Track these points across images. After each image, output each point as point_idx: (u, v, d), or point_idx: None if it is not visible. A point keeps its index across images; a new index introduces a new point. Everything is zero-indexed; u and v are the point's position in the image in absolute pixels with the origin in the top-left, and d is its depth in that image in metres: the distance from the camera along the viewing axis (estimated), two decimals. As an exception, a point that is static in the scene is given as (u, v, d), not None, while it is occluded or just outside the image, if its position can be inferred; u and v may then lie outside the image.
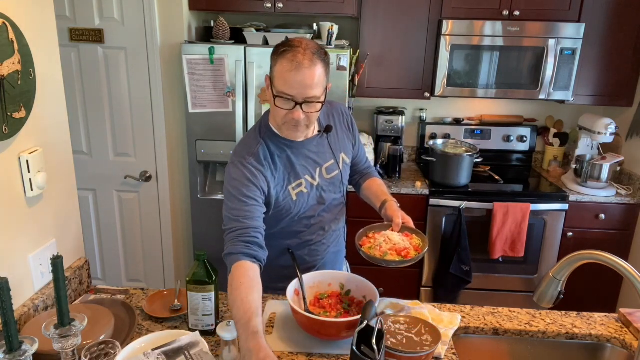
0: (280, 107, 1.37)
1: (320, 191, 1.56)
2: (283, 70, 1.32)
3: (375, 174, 1.79)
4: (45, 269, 1.41)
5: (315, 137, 1.54)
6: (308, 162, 1.53)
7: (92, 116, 2.77)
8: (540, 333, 1.44)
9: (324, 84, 1.38)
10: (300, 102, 1.34)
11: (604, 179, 2.81)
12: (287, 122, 1.39)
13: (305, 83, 1.32)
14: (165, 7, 2.62)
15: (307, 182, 1.53)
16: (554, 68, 2.79)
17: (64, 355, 1.10)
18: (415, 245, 1.47)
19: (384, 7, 2.81)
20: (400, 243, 1.46)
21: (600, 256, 1.16)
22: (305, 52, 1.32)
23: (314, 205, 1.56)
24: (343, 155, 1.61)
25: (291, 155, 1.49)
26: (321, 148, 1.55)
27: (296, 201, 1.51)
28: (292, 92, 1.33)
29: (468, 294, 2.89)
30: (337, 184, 1.60)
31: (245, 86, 2.59)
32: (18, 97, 1.26)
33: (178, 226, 2.96)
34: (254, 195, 1.39)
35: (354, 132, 1.68)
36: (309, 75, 1.31)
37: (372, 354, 1.03)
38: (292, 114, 1.36)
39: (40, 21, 1.37)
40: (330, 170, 1.57)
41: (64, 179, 1.53)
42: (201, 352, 1.12)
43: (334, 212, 1.63)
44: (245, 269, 1.27)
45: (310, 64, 1.31)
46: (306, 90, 1.32)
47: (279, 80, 1.34)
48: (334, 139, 1.59)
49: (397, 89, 2.95)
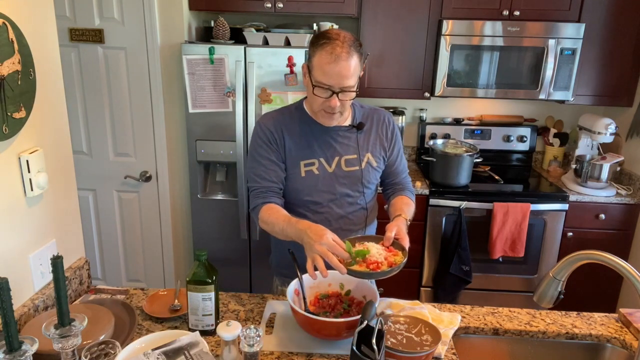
0: (318, 95, 1.46)
1: (334, 181, 1.57)
2: (322, 62, 1.41)
3: (408, 193, 1.69)
4: (45, 269, 1.41)
5: (345, 128, 1.59)
6: (328, 147, 1.57)
7: (92, 116, 2.77)
8: (540, 333, 1.44)
9: (359, 73, 1.47)
10: (337, 91, 1.43)
11: (604, 179, 2.81)
12: (324, 110, 1.48)
13: (342, 74, 1.40)
14: (165, 7, 2.62)
15: (320, 164, 1.56)
16: (554, 68, 2.79)
17: (64, 355, 1.10)
18: (391, 262, 1.34)
19: (384, 7, 2.81)
20: (375, 256, 1.34)
21: (600, 256, 1.16)
22: (343, 44, 1.40)
23: (323, 192, 1.57)
24: (369, 155, 1.61)
25: (315, 132, 1.57)
26: (346, 140, 1.59)
27: (304, 178, 1.56)
28: (330, 82, 1.42)
29: (468, 294, 2.89)
30: (356, 182, 1.59)
31: (245, 86, 2.59)
32: (18, 97, 1.26)
33: (178, 226, 2.96)
34: (268, 155, 1.55)
35: (392, 141, 1.67)
36: (345, 67, 1.40)
37: (372, 354, 1.03)
38: (328, 101, 1.45)
39: (40, 21, 1.37)
40: (350, 164, 1.58)
41: (64, 179, 1.53)
42: (201, 352, 1.12)
43: (346, 210, 1.60)
44: (268, 207, 1.51)
45: (347, 57, 1.40)
46: (343, 80, 1.41)
47: (318, 71, 1.43)
48: (363, 137, 1.61)
49: (397, 88, 2.96)
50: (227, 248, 2.83)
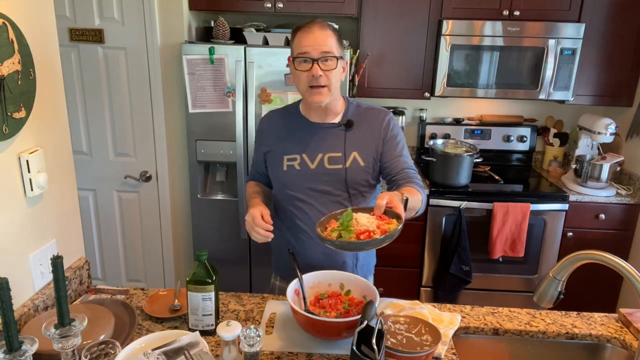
0: (300, 70, 1.49)
1: (315, 178, 1.56)
2: (298, 38, 1.50)
3: (414, 184, 1.50)
4: (45, 269, 1.41)
5: (334, 125, 1.59)
6: (313, 144, 1.58)
7: (92, 116, 2.77)
8: (540, 333, 1.44)
9: (338, 49, 1.51)
10: (316, 58, 1.46)
11: (604, 179, 2.81)
12: (310, 87, 1.50)
13: (317, 40, 1.47)
14: (165, 7, 2.62)
15: (302, 160, 1.57)
16: (554, 68, 2.79)
17: (64, 355, 1.10)
18: (384, 230, 1.20)
19: (384, 7, 2.81)
20: (365, 225, 1.20)
21: (600, 256, 1.16)
22: (315, 21, 1.51)
23: (305, 188, 1.58)
24: (356, 154, 1.57)
25: (302, 128, 1.60)
26: (333, 138, 1.58)
27: (286, 172, 1.59)
28: (307, 49, 1.47)
29: (468, 294, 2.89)
30: (339, 181, 1.56)
31: (245, 86, 2.59)
32: (18, 97, 1.26)
33: (178, 226, 2.96)
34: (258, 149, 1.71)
35: (388, 139, 1.59)
36: (320, 34, 1.47)
37: (372, 354, 1.03)
38: (311, 73, 1.47)
39: (40, 21, 1.37)
40: (334, 161, 1.56)
41: (64, 179, 1.53)
42: (201, 352, 1.12)
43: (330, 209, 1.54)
44: (249, 184, 1.76)
45: (321, 28, 1.48)
46: (319, 46, 1.46)
47: (296, 47, 1.50)
48: (352, 135, 1.58)
49: (397, 88, 2.95)
50: (227, 248, 2.83)
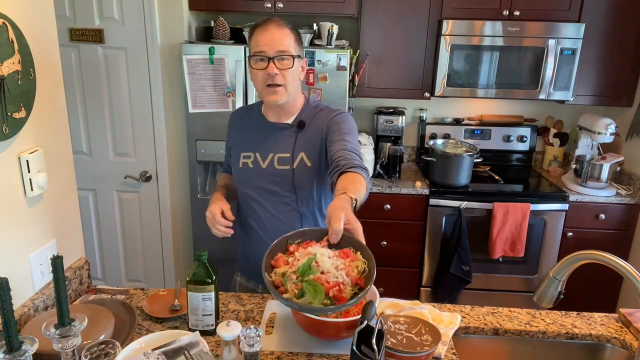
0: (256, 68, 1.48)
1: (265, 177, 1.57)
2: (255, 37, 1.48)
3: (356, 169, 1.33)
4: (45, 269, 1.41)
5: (287, 125, 1.58)
6: (266, 143, 1.59)
7: (92, 116, 2.77)
8: (540, 333, 1.44)
9: (295, 48, 1.49)
10: (272, 56, 1.45)
11: (604, 179, 2.81)
12: (266, 86, 1.49)
13: (274, 38, 1.45)
14: (165, 7, 2.62)
15: (255, 159, 1.59)
16: (554, 68, 2.79)
17: (64, 355, 1.10)
18: (354, 277, 1.01)
19: (384, 7, 2.81)
20: (332, 272, 1.00)
21: (600, 256, 1.16)
22: (272, 20, 1.48)
23: (256, 186, 1.59)
24: (303, 155, 1.54)
25: (259, 127, 1.62)
26: (285, 138, 1.57)
27: (240, 169, 1.62)
28: (263, 47, 1.45)
29: (468, 294, 2.89)
30: (287, 182, 1.54)
31: (245, 86, 2.59)
32: (18, 97, 1.26)
33: (178, 226, 2.96)
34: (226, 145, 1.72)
35: (330, 129, 1.52)
36: (276, 33, 1.45)
37: (372, 354, 1.03)
38: (267, 72, 1.46)
39: (40, 21, 1.37)
40: (283, 162, 1.55)
41: (64, 179, 1.53)
42: (201, 352, 1.12)
43: (278, 209, 1.56)
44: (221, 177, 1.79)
45: (277, 26, 1.47)
46: (275, 44, 1.44)
47: (253, 45, 1.48)
48: (303, 135, 1.56)
49: (397, 89, 2.96)
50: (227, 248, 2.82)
